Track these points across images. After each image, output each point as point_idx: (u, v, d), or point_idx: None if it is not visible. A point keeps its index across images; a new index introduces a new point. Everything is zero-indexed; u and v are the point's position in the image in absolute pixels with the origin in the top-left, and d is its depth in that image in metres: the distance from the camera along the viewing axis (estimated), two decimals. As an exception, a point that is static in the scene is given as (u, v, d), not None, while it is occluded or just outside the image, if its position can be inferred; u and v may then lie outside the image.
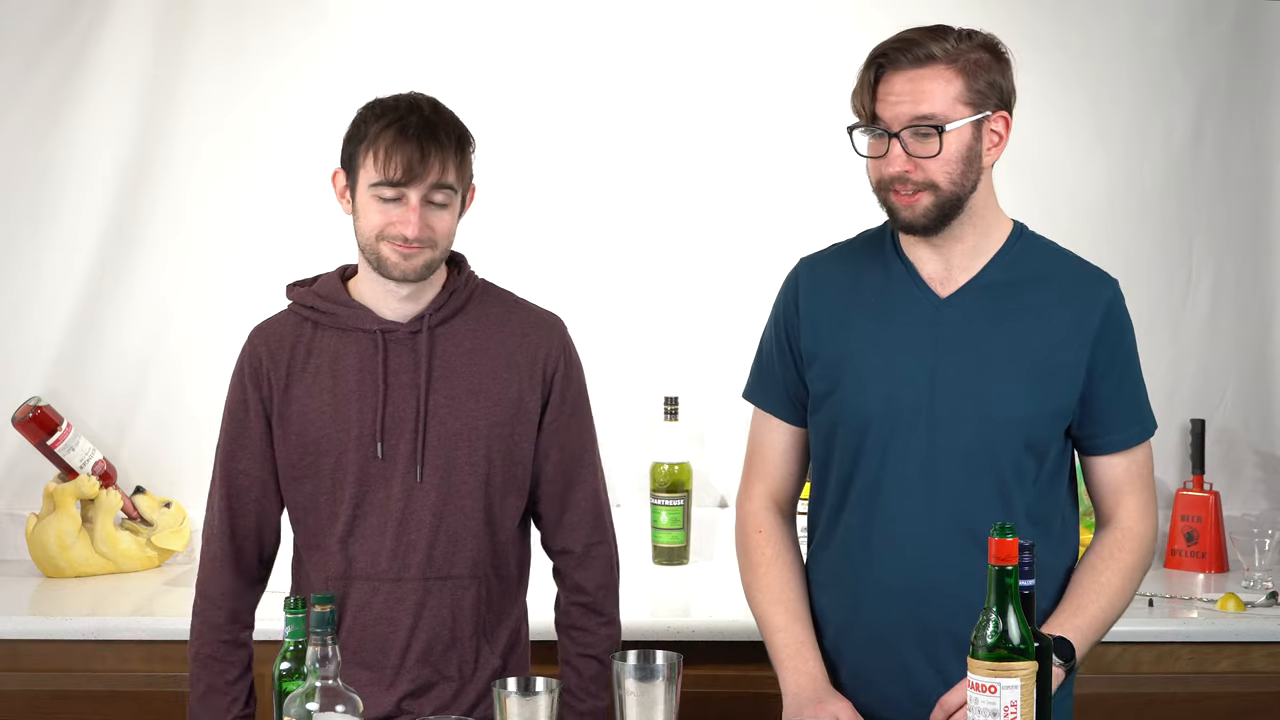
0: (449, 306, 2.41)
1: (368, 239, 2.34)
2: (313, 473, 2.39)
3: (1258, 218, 3.66)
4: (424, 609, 2.38)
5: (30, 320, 3.56)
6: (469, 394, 2.39)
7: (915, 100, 2.17)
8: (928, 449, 2.22)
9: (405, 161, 2.28)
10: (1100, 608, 2.23)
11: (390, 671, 2.39)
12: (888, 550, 2.24)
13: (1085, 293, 2.27)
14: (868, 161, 2.23)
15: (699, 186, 3.60)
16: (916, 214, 2.20)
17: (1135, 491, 2.30)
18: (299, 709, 1.91)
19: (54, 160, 3.54)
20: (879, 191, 2.23)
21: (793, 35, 3.57)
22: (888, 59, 2.18)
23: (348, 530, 2.38)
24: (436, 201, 2.32)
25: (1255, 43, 3.62)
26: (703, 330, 3.62)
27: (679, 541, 3.52)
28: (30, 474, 3.53)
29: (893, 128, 2.18)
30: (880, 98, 2.18)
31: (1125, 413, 2.28)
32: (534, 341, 2.44)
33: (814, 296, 2.33)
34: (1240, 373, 3.67)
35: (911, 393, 2.23)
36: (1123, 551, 2.26)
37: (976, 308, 2.24)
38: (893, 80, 2.18)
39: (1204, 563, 3.48)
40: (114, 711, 2.98)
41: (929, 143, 2.17)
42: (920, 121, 2.16)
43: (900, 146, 2.17)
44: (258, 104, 3.57)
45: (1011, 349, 2.23)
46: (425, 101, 2.36)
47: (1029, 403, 2.22)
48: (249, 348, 2.44)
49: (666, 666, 2.06)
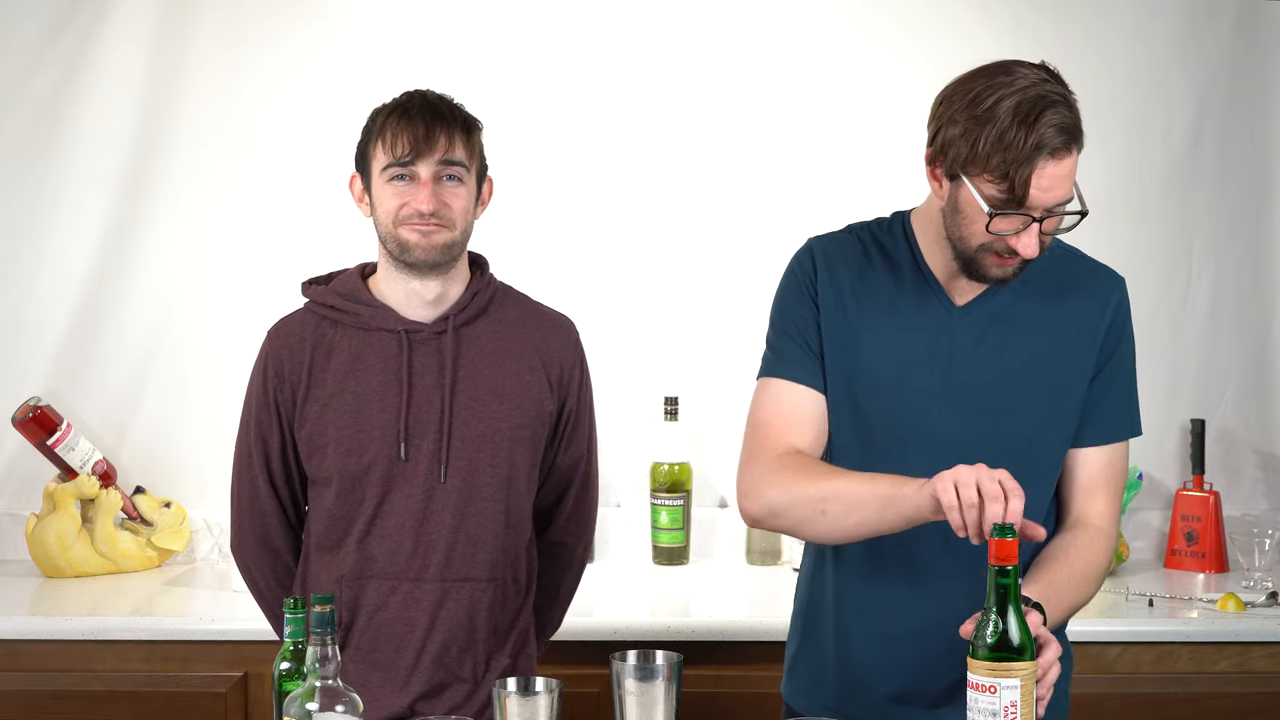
0: (473, 307, 2.41)
1: (386, 226, 2.34)
2: (334, 473, 2.38)
3: (1258, 218, 3.67)
4: (441, 610, 2.38)
5: (30, 320, 3.57)
6: (492, 395, 2.39)
7: (1064, 188, 2.08)
8: (934, 458, 2.17)
9: (411, 138, 2.30)
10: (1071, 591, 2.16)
11: (404, 672, 2.38)
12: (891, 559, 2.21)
13: (1097, 293, 2.26)
14: (976, 222, 2.10)
15: (699, 187, 3.60)
16: (1008, 274, 2.15)
17: (1108, 493, 2.27)
18: (299, 709, 1.91)
19: (54, 160, 3.54)
20: (980, 251, 2.13)
21: (795, 40, 3.57)
22: (1049, 145, 2.03)
23: (366, 530, 2.38)
24: (448, 178, 2.33)
25: (1255, 43, 3.62)
26: (703, 330, 3.62)
27: (679, 541, 3.52)
28: (30, 474, 3.53)
29: (1036, 213, 2.08)
30: (1036, 185, 2.05)
31: (1117, 407, 2.27)
32: (552, 345, 2.46)
33: (828, 282, 2.25)
34: (1240, 373, 3.67)
35: (922, 400, 2.20)
36: (1093, 547, 2.21)
37: (993, 317, 2.22)
38: (1049, 168, 2.04)
39: (1204, 563, 3.48)
40: (114, 711, 2.97)
41: (1063, 222, 2.12)
42: (1064, 206, 2.09)
43: (1037, 229, 2.09)
44: (257, 103, 3.57)
45: (1027, 359, 2.21)
46: (429, 91, 2.39)
47: (1044, 410, 2.21)
48: (268, 348, 2.43)
49: (666, 666, 2.06)
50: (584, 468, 2.54)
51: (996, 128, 2.04)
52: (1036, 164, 2.04)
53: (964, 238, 2.14)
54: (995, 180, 2.06)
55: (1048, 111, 2.04)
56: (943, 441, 2.19)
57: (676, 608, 3.22)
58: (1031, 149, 2.03)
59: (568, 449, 2.50)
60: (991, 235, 2.10)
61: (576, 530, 2.57)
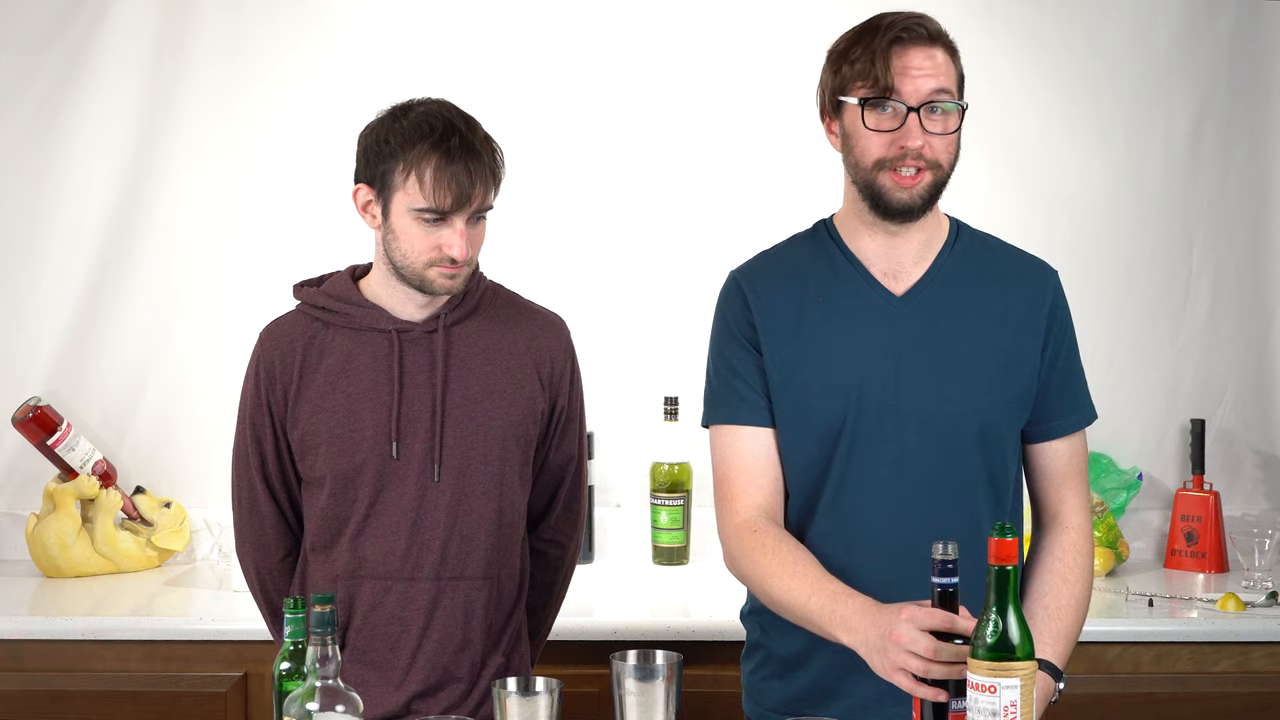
0: (464, 306, 2.42)
1: (412, 263, 2.32)
2: (326, 472, 2.38)
3: (1258, 218, 3.66)
4: (436, 609, 2.38)
5: (30, 320, 3.57)
6: (484, 393, 2.40)
7: (935, 74, 2.14)
8: (897, 449, 2.21)
9: (455, 190, 2.27)
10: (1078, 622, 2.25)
11: (400, 671, 2.39)
12: (862, 554, 2.22)
13: (1033, 282, 2.29)
14: (863, 138, 2.18)
15: (699, 187, 3.60)
16: (915, 194, 2.18)
17: (1075, 485, 2.32)
18: (299, 709, 1.91)
19: (54, 160, 3.55)
20: (876, 170, 2.18)
21: (793, 38, 3.57)
22: (908, 32, 2.14)
23: (359, 529, 2.38)
24: (475, 218, 2.33)
25: (1255, 43, 3.62)
26: (703, 330, 3.58)
27: (679, 541, 3.52)
28: (30, 474, 3.53)
29: (910, 100, 2.14)
30: (899, 71, 2.13)
31: (1071, 398, 2.31)
32: (543, 344, 2.46)
33: (762, 306, 2.28)
34: (1240, 373, 3.67)
35: (878, 394, 2.22)
36: (1083, 556, 2.28)
37: (934, 304, 2.25)
38: (910, 54, 2.14)
39: (1204, 563, 3.48)
40: (114, 711, 2.98)
41: (949, 118, 2.17)
42: (940, 97, 2.15)
43: (918, 119, 2.14)
44: (258, 102, 3.57)
45: (975, 343, 2.23)
46: (456, 115, 2.34)
47: (996, 394, 2.23)
48: (260, 350, 2.43)
49: (666, 666, 2.06)
50: (575, 466, 2.54)
51: (854, 42, 2.18)
52: (895, 49, 2.13)
53: (858, 163, 2.21)
54: (864, 81, 2.16)
55: (899, 15, 2.16)
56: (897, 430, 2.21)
57: (676, 608, 3.22)
58: (888, 39, 2.14)
59: (559, 448, 2.51)
60: (874, 133, 2.15)
61: (568, 529, 2.58)
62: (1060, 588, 2.25)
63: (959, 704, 1.91)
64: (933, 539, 1.93)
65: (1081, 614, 2.26)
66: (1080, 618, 2.26)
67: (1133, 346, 3.62)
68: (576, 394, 2.52)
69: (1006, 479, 2.28)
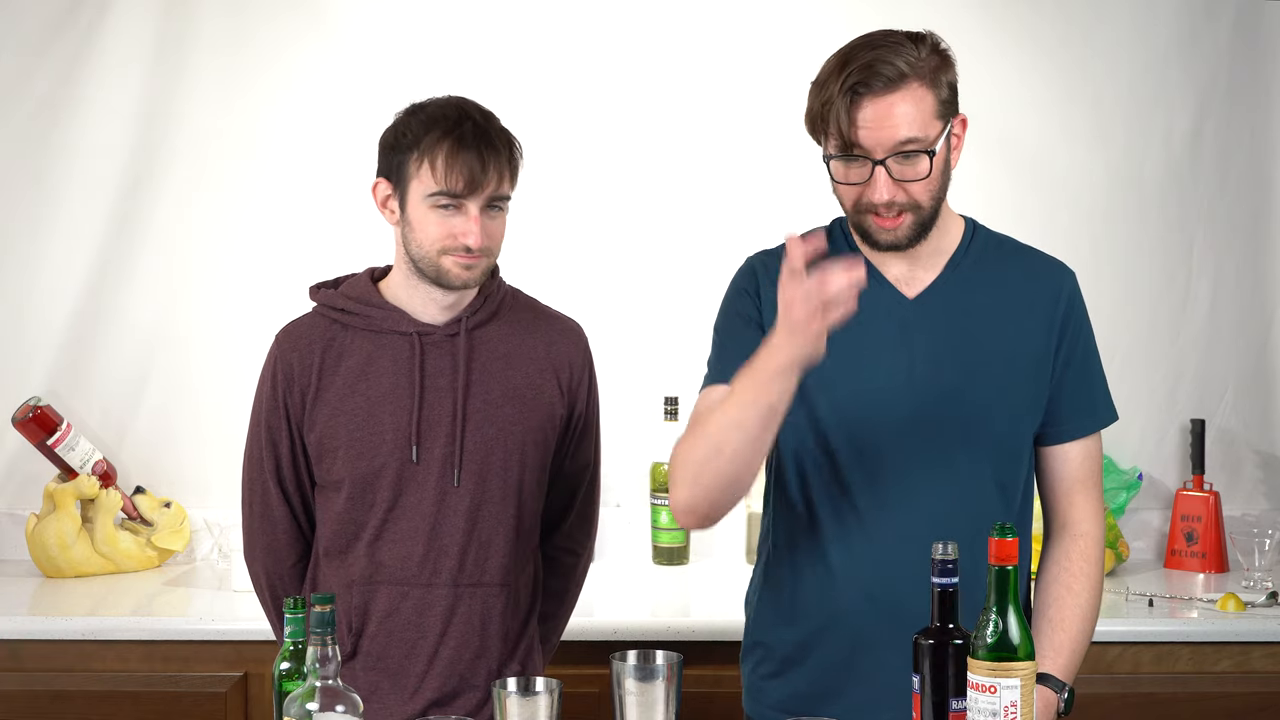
0: (485, 310, 2.40)
1: (427, 252, 2.31)
2: (345, 476, 2.36)
3: (1258, 218, 3.67)
4: (454, 615, 2.36)
5: (30, 320, 3.57)
6: (505, 398, 2.38)
7: (895, 125, 2.10)
8: (904, 451, 2.20)
9: (467, 173, 2.26)
10: (1084, 632, 2.24)
11: (415, 678, 2.36)
12: (868, 555, 2.21)
13: (1048, 283, 2.27)
14: (838, 187, 2.17)
15: (699, 187, 3.60)
16: (899, 235, 2.17)
17: (1088, 490, 2.29)
18: (299, 709, 1.91)
19: (54, 160, 3.55)
20: (856, 215, 2.18)
21: (797, 43, 3.57)
22: (865, 86, 2.09)
23: (376, 534, 2.36)
24: (493, 209, 2.31)
25: (1255, 43, 3.63)
26: (703, 330, 3.59)
27: (679, 541, 3.52)
28: (30, 474, 3.53)
29: (875, 154, 2.11)
30: (860, 124, 2.10)
31: (1085, 401, 2.29)
32: (562, 349, 2.44)
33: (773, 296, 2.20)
34: (1240, 373, 3.67)
35: (888, 395, 2.21)
36: (1090, 564, 2.26)
37: (947, 307, 2.24)
38: (866, 106, 2.10)
39: (1204, 563, 3.48)
40: (114, 711, 2.98)
41: (918, 165, 2.13)
42: (906, 146, 2.11)
43: (885, 172, 2.12)
44: (259, 103, 3.57)
45: (987, 346, 2.22)
46: (472, 107, 2.34)
47: (1007, 397, 2.22)
48: (277, 351, 2.40)
49: (666, 666, 2.05)
50: (590, 474, 2.53)
51: (824, 84, 2.13)
52: (855, 103, 2.09)
53: (843, 206, 2.21)
54: (832, 133, 2.13)
55: (859, 53, 2.11)
56: (908, 432, 2.20)
57: (676, 608, 3.22)
58: (843, 91, 2.10)
59: (575, 455, 2.49)
60: (844, 185, 2.14)
61: (581, 537, 2.56)
62: (1064, 597, 2.24)
63: (959, 704, 1.91)
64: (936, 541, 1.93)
65: (1089, 623, 2.24)
66: (1087, 627, 2.24)
67: (1132, 346, 3.62)
68: (594, 401, 2.50)
69: (1015, 483, 2.26)
